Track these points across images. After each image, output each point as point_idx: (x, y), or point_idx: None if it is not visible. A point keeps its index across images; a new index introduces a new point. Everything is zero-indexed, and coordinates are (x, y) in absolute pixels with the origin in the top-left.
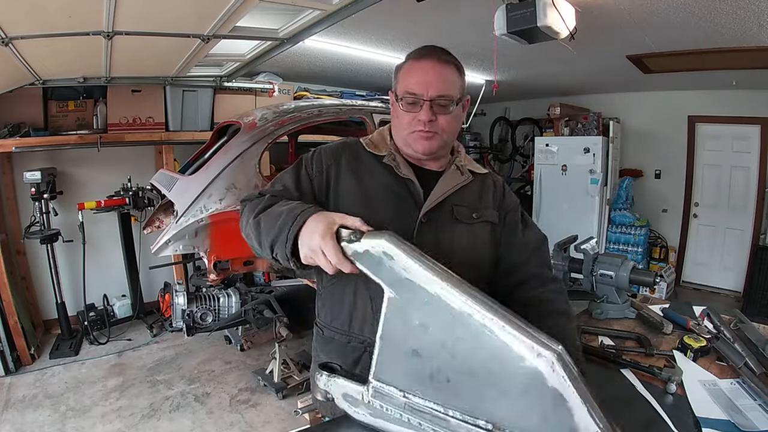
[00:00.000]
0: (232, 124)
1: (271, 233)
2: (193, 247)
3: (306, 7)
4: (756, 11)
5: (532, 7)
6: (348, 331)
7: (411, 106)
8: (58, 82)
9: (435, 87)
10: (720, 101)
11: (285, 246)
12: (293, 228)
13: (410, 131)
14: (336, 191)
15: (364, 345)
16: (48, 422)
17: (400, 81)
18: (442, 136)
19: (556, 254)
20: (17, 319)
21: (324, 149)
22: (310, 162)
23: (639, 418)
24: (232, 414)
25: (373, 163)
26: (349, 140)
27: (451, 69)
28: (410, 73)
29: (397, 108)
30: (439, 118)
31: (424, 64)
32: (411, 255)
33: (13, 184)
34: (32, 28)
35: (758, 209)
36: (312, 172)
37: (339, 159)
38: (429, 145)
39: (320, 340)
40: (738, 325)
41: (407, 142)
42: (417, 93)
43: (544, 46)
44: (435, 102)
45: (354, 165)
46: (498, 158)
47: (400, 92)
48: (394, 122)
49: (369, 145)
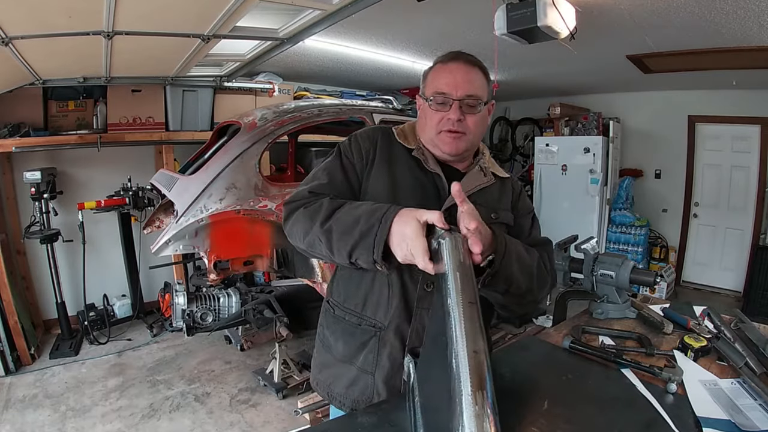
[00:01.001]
0: (232, 124)
1: (349, 240)
2: (193, 247)
3: (306, 7)
4: (756, 11)
5: (532, 7)
6: (360, 312)
7: (440, 105)
8: (58, 82)
9: (463, 87)
10: (720, 101)
11: (373, 251)
12: (380, 234)
13: (438, 131)
14: (369, 175)
15: (374, 329)
16: (48, 422)
17: (428, 83)
18: (469, 137)
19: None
20: (17, 319)
21: (361, 134)
22: (349, 149)
23: (639, 418)
24: (232, 414)
25: (403, 153)
26: (382, 128)
27: (478, 71)
28: (439, 75)
29: (426, 109)
30: (468, 118)
31: (452, 66)
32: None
33: (13, 184)
34: (32, 28)
35: (758, 209)
36: (353, 158)
37: (375, 144)
38: (456, 145)
39: (330, 318)
40: (738, 324)
41: (434, 143)
42: (446, 93)
43: (544, 46)
44: (464, 102)
45: (387, 153)
46: (498, 158)
47: (429, 93)
48: (422, 123)
49: (400, 135)
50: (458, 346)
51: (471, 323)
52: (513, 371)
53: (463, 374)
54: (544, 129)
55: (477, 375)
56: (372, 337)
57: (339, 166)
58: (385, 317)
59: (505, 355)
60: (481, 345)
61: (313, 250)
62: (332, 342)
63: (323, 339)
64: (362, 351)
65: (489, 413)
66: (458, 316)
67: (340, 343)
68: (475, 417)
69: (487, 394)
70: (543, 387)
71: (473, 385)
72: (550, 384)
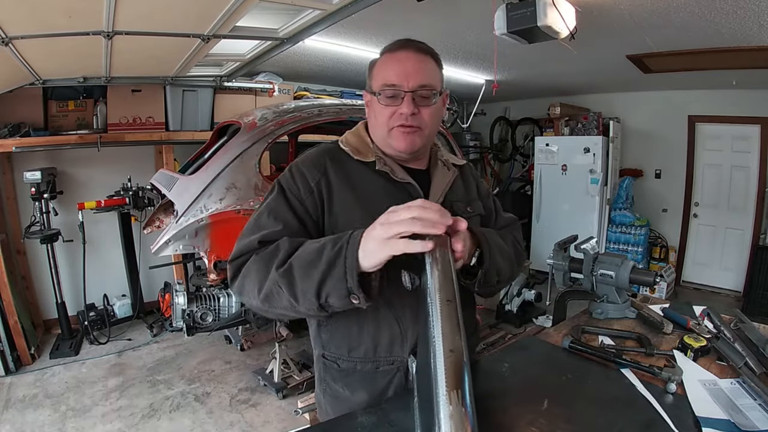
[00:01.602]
0: (232, 124)
1: (314, 275)
2: (193, 247)
3: (306, 7)
4: (756, 11)
5: (532, 6)
6: (374, 356)
7: (391, 99)
8: (58, 82)
9: (415, 77)
10: (720, 101)
11: (346, 280)
12: (350, 255)
13: (390, 127)
14: (331, 209)
15: (395, 366)
16: (48, 422)
17: (375, 76)
18: (425, 132)
19: (556, 254)
20: (17, 319)
21: (303, 163)
22: (293, 184)
23: (639, 418)
24: (232, 414)
25: (363, 170)
26: (326, 148)
27: (430, 59)
28: (387, 65)
29: (375, 104)
30: (422, 111)
31: (402, 55)
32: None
33: (13, 184)
34: (32, 28)
35: (758, 209)
36: (300, 194)
37: (325, 171)
38: (411, 141)
39: (337, 373)
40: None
41: (387, 141)
42: (397, 84)
43: (544, 46)
44: (417, 93)
45: (344, 176)
46: (498, 158)
47: (377, 87)
48: (372, 121)
49: (354, 151)
50: (436, 346)
51: (449, 322)
52: (513, 371)
53: (440, 374)
54: (544, 129)
55: (453, 374)
56: (396, 373)
57: (286, 206)
58: (401, 351)
59: (505, 355)
60: (459, 344)
61: (273, 305)
62: (350, 394)
63: (335, 393)
64: (389, 390)
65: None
66: (437, 315)
67: (361, 393)
68: (449, 417)
69: (464, 393)
70: (543, 387)
71: (449, 385)
72: (550, 384)
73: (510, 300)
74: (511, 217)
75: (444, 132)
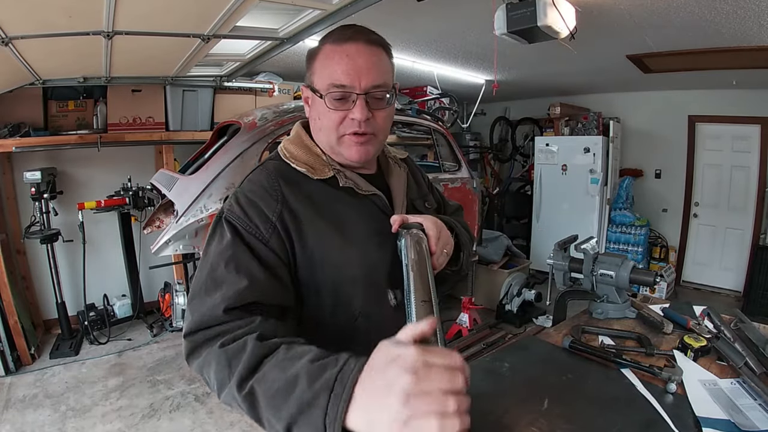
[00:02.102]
0: (232, 124)
1: (281, 414)
2: (193, 247)
3: (306, 7)
4: (756, 11)
5: (532, 6)
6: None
7: (340, 102)
8: (58, 82)
9: (368, 76)
10: (720, 101)
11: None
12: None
13: (340, 135)
14: (303, 243)
15: None
16: (48, 422)
17: (318, 71)
18: (379, 138)
19: (556, 254)
20: (17, 319)
21: (251, 194)
22: (247, 222)
23: (639, 418)
24: (232, 414)
25: (323, 189)
26: (274, 168)
27: (382, 52)
28: (333, 60)
29: (320, 105)
30: (376, 114)
31: (350, 48)
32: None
33: (13, 184)
34: (32, 28)
35: (758, 209)
36: (261, 233)
37: (284, 199)
38: (365, 151)
39: None
40: (738, 324)
41: (336, 149)
42: (347, 85)
43: (544, 46)
44: (370, 95)
45: (306, 199)
46: (498, 158)
47: (321, 86)
48: (316, 124)
49: (310, 170)
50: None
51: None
52: (513, 371)
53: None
54: (544, 129)
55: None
56: None
57: (246, 252)
58: None
59: (505, 355)
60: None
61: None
62: None
63: None
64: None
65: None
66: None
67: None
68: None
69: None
70: (543, 387)
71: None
72: (550, 384)
73: (510, 300)
74: (456, 204)
75: (444, 132)
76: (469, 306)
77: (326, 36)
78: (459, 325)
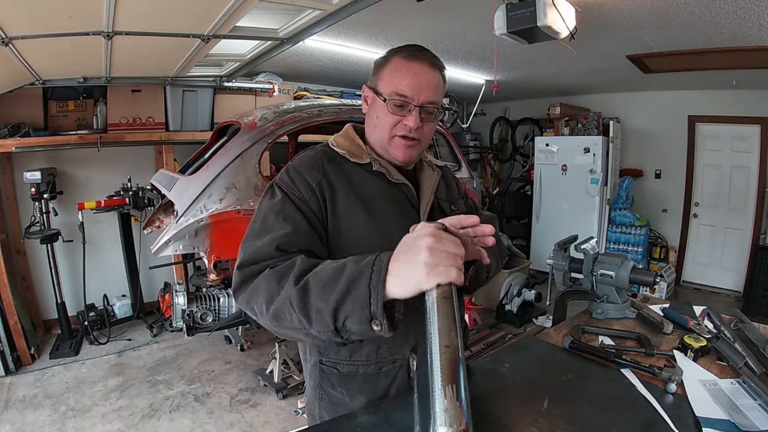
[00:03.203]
0: (232, 124)
1: (332, 294)
2: (193, 247)
3: (306, 7)
4: (756, 11)
5: (532, 6)
6: (376, 358)
7: (399, 108)
8: (58, 82)
9: (426, 93)
10: (720, 101)
11: (370, 301)
12: (375, 273)
13: (392, 135)
14: (335, 210)
15: (397, 364)
16: (48, 422)
17: (385, 79)
18: (423, 144)
19: (556, 254)
20: (17, 319)
21: (302, 165)
22: (293, 186)
23: (639, 418)
24: (232, 414)
25: (360, 172)
26: (321, 150)
27: (440, 75)
28: (401, 73)
29: (380, 108)
30: (425, 125)
31: (416, 67)
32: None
33: (13, 184)
34: (32, 28)
35: (758, 209)
36: (304, 196)
37: (325, 172)
38: (410, 153)
39: (336, 379)
40: (738, 324)
41: (385, 147)
42: (408, 96)
43: (544, 46)
44: (424, 108)
45: (343, 178)
46: (498, 158)
47: (386, 91)
48: (372, 122)
49: (350, 155)
50: (432, 342)
51: (445, 319)
52: (513, 371)
53: (436, 369)
54: (544, 129)
55: (448, 369)
56: (398, 371)
57: (293, 208)
58: (404, 347)
59: (505, 355)
60: (455, 340)
61: (282, 324)
62: (349, 400)
63: (333, 399)
64: (392, 386)
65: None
66: (434, 311)
67: (361, 397)
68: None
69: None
70: (543, 387)
71: (443, 380)
72: (550, 384)
73: (510, 300)
74: (490, 215)
75: (444, 132)
76: (469, 306)
77: (396, 50)
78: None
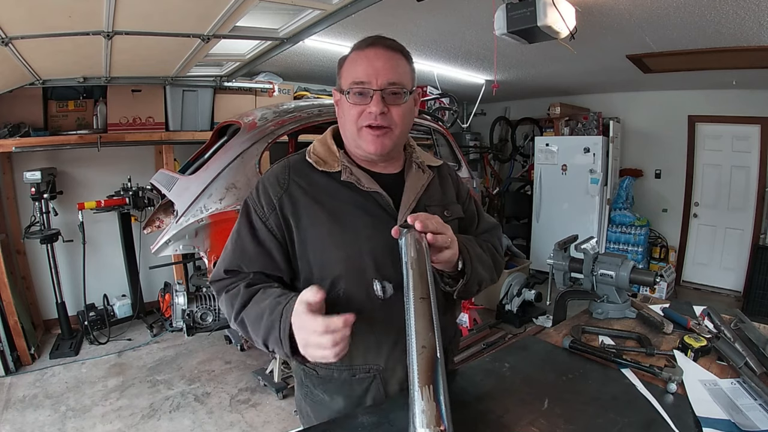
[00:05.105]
0: (232, 124)
1: (259, 333)
2: (193, 247)
3: (306, 7)
4: (756, 11)
5: (532, 6)
6: (350, 364)
7: (359, 97)
8: (58, 82)
9: (384, 74)
10: (720, 101)
11: (282, 346)
12: (283, 330)
13: (359, 127)
14: (299, 224)
15: (371, 373)
16: (48, 422)
17: (344, 74)
18: (396, 132)
19: (556, 254)
20: (17, 319)
21: (268, 179)
22: (258, 202)
23: (639, 418)
24: (232, 414)
25: (328, 182)
26: (292, 160)
27: (401, 57)
28: (356, 62)
29: (344, 102)
30: (392, 110)
31: (371, 52)
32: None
33: (13, 184)
34: (32, 28)
35: (758, 209)
36: (264, 212)
37: (288, 187)
38: (381, 143)
39: (316, 380)
40: (738, 324)
41: (357, 142)
42: (365, 82)
43: (544, 46)
44: (386, 91)
45: (309, 189)
46: (498, 158)
47: (345, 84)
48: (341, 121)
49: (319, 163)
50: (410, 342)
51: (422, 319)
52: (513, 371)
53: (413, 370)
54: (544, 129)
55: (425, 370)
56: (372, 381)
57: (248, 230)
58: (376, 358)
59: (505, 355)
60: (432, 340)
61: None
62: (328, 400)
63: (316, 398)
64: (367, 394)
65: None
66: (411, 312)
67: (339, 399)
68: (422, 412)
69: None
70: (543, 387)
71: (420, 381)
72: (550, 384)
73: (510, 300)
74: (492, 222)
75: (444, 132)
76: (469, 306)
77: (354, 45)
78: (459, 325)
